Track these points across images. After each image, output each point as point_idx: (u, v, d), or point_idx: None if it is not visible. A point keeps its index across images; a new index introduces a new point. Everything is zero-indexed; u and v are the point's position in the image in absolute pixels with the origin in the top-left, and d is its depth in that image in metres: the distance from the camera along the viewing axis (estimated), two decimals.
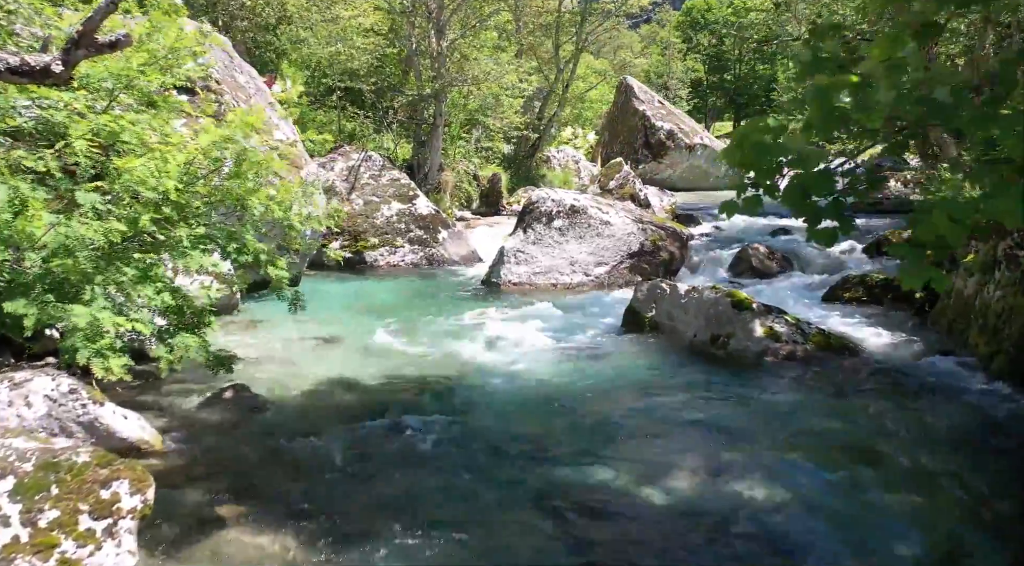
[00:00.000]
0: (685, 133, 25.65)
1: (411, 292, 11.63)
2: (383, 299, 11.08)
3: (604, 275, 11.47)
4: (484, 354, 8.14)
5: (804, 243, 13.60)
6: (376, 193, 14.39)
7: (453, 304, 10.72)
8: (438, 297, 11.18)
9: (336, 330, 9.03)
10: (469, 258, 14.20)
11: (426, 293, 11.57)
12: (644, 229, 11.73)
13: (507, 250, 11.79)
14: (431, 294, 11.46)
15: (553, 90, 23.12)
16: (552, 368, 7.72)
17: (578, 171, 24.72)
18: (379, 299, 11.08)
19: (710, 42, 71.91)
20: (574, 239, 11.66)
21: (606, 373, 7.62)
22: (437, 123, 16.28)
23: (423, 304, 10.72)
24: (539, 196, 12.05)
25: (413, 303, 10.81)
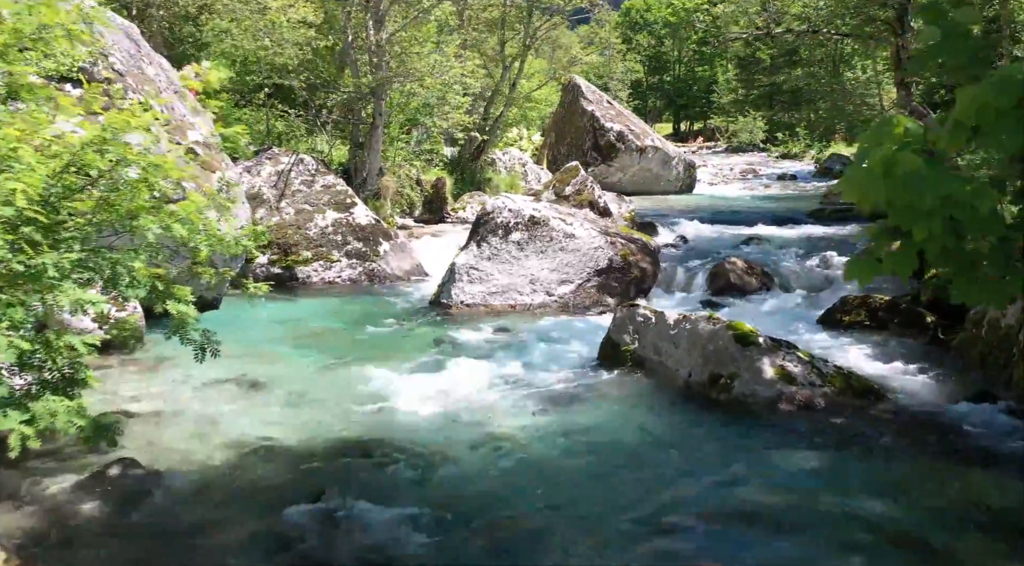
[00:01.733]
0: (636, 134, 24.56)
1: (349, 316, 10.18)
2: (317, 326, 9.61)
3: (569, 295, 10.18)
4: (435, 402, 6.75)
5: (780, 254, 12.55)
6: (309, 201, 12.89)
7: (398, 332, 9.31)
8: (380, 323, 9.75)
9: (260, 370, 7.55)
10: (413, 272, 12.79)
11: (366, 317, 10.13)
12: (612, 243, 10.48)
13: (459, 267, 10.42)
14: (372, 319, 10.02)
15: (499, 89, 21.79)
16: (517, 420, 6.38)
17: (525, 174, 23.46)
18: (312, 326, 9.61)
19: (649, 43, 71.51)
20: (535, 254, 10.35)
21: (582, 425, 6.32)
22: (376, 123, 14.81)
23: (363, 333, 9.29)
24: (494, 205, 10.71)
25: (351, 331, 9.37)
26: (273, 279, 12.00)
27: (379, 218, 13.36)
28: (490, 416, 6.44)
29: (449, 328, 9.40)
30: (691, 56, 70.43)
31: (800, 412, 6.17)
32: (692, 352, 6.92)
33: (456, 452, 5.78)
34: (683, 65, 71.09)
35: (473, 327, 9.40)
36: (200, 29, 17.23)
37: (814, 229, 14.91)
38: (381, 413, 6.49)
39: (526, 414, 6.51)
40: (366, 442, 5.91)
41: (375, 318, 10.07)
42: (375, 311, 10.49)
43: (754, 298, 10.42)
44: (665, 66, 72.16)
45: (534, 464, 5.62)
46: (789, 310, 9.79)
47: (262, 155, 13.47)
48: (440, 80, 14.99)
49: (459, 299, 10.24)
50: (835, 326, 8.64)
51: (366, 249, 12.55)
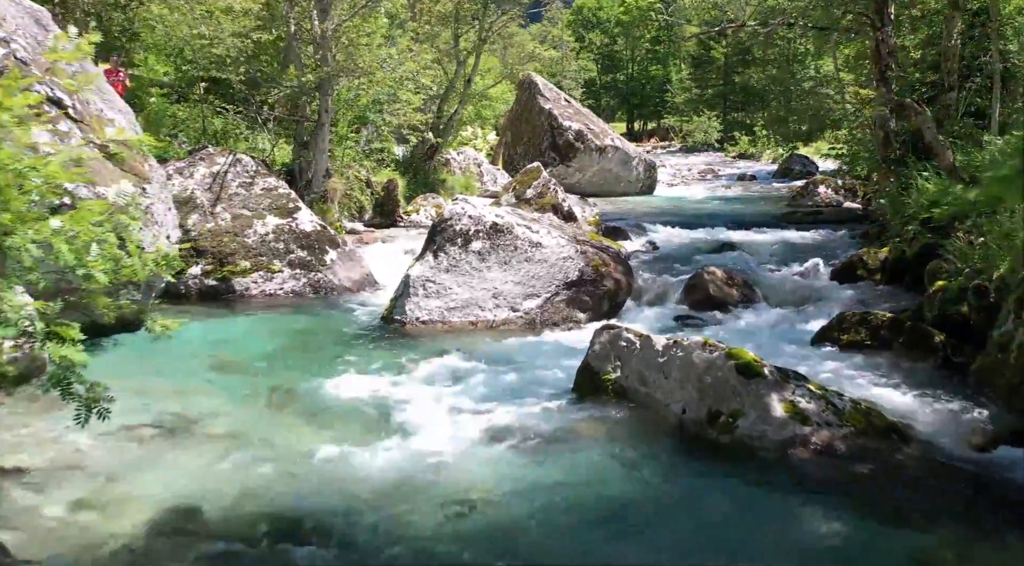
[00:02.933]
0: (595, 134, 23.73)
1: (290, 336, 9.09)
2: (253, 349, 8.50)
3: (536, 311, 9.22)
4: (387, 447, 5.74)
5: (758, 262, 11.74)
6: (248, 205, 11.75)
7: (345, 356, 8.25)
8: (325, 344, 8.69)
9: (182, 408, 6.46)
10: (364, 283, 11.72)
11: (310, 337, 9.07)
12: (582, 252, 9.54)
13: (413, 279, 9.40)
14: (316, 339, 8.97)
15: (452, 86, 20.77)
16: (482, 468, 5.43)
17: (480, 175, 22.50)
18: (248, 349, 8.50)
19: (603, 41, 70.95)
20: (498, 265, 9.38)
21: (557, 473, 5.38)
22: (322, 121, 13.70)
23: (306, 357, 8.22)
24: (452, 211, 9.71)
25: (293, 356, 8.29)
26: (207, 292, 10.92)
27: (325, 223, 12.27)
28: (450, 464, 5.46)
29: (403, 350, 8.38)
30: (644, 55, 70.05)
31: (817, 458, 5.28)
32: (686, 384, 6.00)
33: (412, 512, 4.79)
34: (636, 64, 70.66)
35: (430, 349, 8.40)
36: (131, 18, 15.93)
37: (789, 234, 14.18)
38: (325, 464, 5.45)
39: (492, 460, 5.55)
40: (307, 504, 4.88)
41: (320, 338, 9.01)
42: (320, 329, 9.43)
43: (736, 312, 9.57)
44: (618, 65, 71.66)
45: (501, 525, 4.68)
46: (777, 327, 8.94)
47: (196, 155, 12.28)
48: (391, 75, 13.92)
49: (414, 316, 9.23)
50: (833, 346, 7.80)
51: (311, 258, 11.45)
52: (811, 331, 8.57)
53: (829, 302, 9.59)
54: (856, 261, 10.33)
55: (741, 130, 45.40)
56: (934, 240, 9.37)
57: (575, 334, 8.91)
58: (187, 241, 11.09)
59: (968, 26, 11.85)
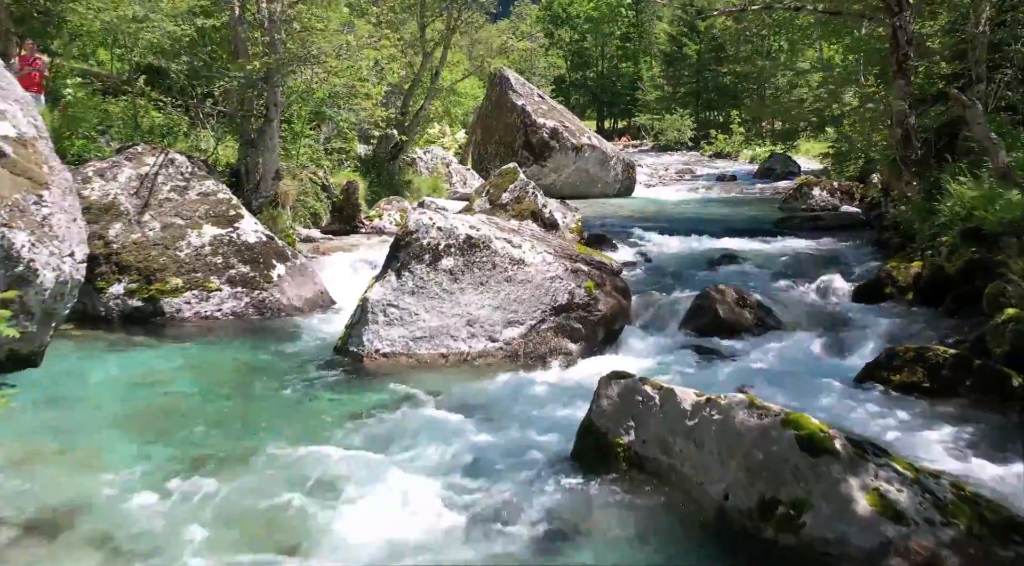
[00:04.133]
0: (571, 132, 22.31)
1: (222, 375, 7.52)
2: (173, 395, 6.92)
3: (519, 341, 7.75)
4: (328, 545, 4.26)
5: (764, 276, 10.37)
6: (181, 212, 10.14)
7: (288, 402, 6.73)
8: (265, 385, 7.14)
9: (71, 485, 4.90)
10: (317, 302, 10.19)
11: (248, 375, 7.52)
12: (573, 271, 8.08)
13: (373, 303, 7.88)
14: (255, 377, 7.41)
15: (418, 79, 19.23)
16: None
17: (449, 175, 21.02)
18: (167, 395, 6.92)
19: (572, 38, 69.62)
20: (472, 287, 7.89)
21: None
22: (271, 116, 12.11)
23: (236, 406, 6.66)
24: (419, 223, 8.19)
25: (220, 403, 6.73)
26: (131, 315, 9.32)
27: (275, 232, 10.71)
28: None
29: (358, 395, 6.87)
30: (615, 51, 68.86)
31: None
32: (727, 459, 4.56)
33: None
34: (606, 61, 69.46)
35: (391, 391, 6.89)
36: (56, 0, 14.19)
37: (791, 243, 12.84)
38: None
39: None
40: None
41: (259, 376, 7.45)
42: (260, 365, 7.86)
43: (751, 340, 8.17)
44: (588, 62, 70.42)
45: None
46: (804, 360, 7.54)
47: (122, 154, 10.64)
48: (347, 63, 12.34)
49: (373, 347, 7.71)
50: (882, 388, 6.41)
51: (255, 274, 9.89)
52: (847, 366, 7.22)
53: (858, 328, 8.22)
54: (883, 278, 8.97)
55: (717, 129, 44.27)
56: (980, 255, 8.05)
57: (566, 371, 7.47)
58: (108, 255, 9.53)
59: (997, 11, 10.56)
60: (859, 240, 12.63)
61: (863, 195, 16.95)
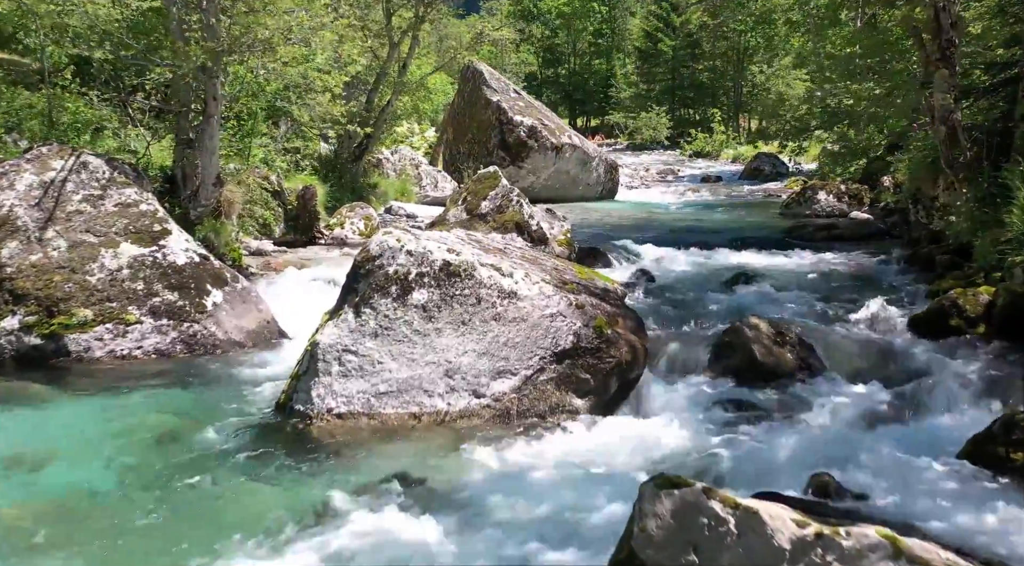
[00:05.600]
0: (550, 130, 20.67)
1: (137, 445, 5.77)
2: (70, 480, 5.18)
3: (511, 396, 6.08)
4: None
5: (794, 301, 8.81)
6: (94, 228, 8.36)
7: (212, 494, 5.02)
8: (187, 464, 5.41)
9: None
10: (262, 335, 8.50)
11: (167, 445, 5.78)
12: (578, 305, 6.42)
13: (325, 349, 6.18)
14: (176, 450, 5.68)
15: (385, 72, 17.48)
16: None
17: (419, 178, 19.31)
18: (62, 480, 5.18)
19: (544, 34, 67.95)
20: (452, 327, 6.21)
21: None
22: (210, 112, 10.32)
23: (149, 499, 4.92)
24: (383, 246, 6.48)
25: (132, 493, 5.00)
26: (28, 356, 7.56)
27: (212, 250, 8.96)
28: None
29: (302, 478, 5.19)
30: (587, 48, 67.34)
31: None
32: None
33: None
34: (578, 58, 67.91)
35: (345, 474, 5.23)
36: None
37: (810, 257, 11.31)
38: None
39: None
40: None
41: (181, 447, 5.73)
42: (184, 427, 6.13)
43: (798, 390, 6.58)
44: (560, 58, 68.84)
45: None
46: (875, 420, 5.95)
47: (24, 156, 8.82)
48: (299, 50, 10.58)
49: (324, 406, 6.02)
50: (999, 474, 4.83)
51: (184, 302, 8.14)
52: (935, 431, 5.66)
53: (927, 372, 6.65)
54: (947, 307, 7.41)
55: (696, 127, 42.90)
56: None
57: (573, 436, 5.83)
58: None
59: None
60: (886, 253, 11.11)
61: (873, 199, 15.50)
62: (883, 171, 16.52)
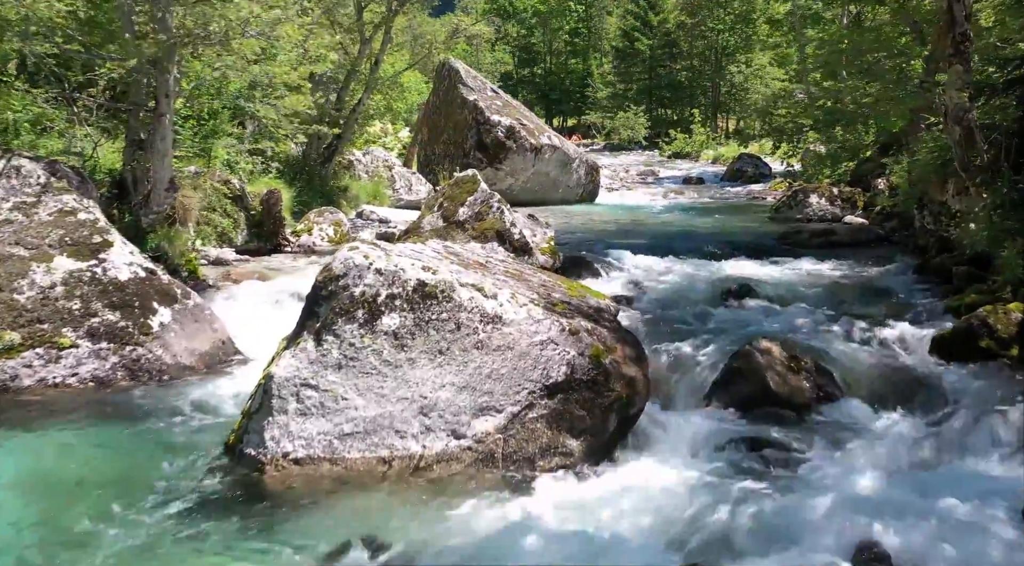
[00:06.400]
0: (529, 131, 19.89)
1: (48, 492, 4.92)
2: None
3: (496, 437, 5.28)
4: None
5: (800, 317, 8.09)
6: (24, 239, 7.47)
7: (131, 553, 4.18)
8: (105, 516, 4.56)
9: None
10: (216, 358, 7.66)
11: (84, 493, 4.93)
12: (571, 330, 5.63)
13: (281, 383, 5.34)
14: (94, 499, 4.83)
15: (356, 69, 16.62)
16: None
17: (392, 180, 18.46)
18: None
19: (519, 33, 67.18)
20: (428, 357, 5.41)
21: None
22: (161, 110, 9.43)
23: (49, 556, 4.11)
24: (348, 263, 5.65)
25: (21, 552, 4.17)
26: None
27: (155, 267, 8.05)
28: None
29: (248, 534, 4.41)
30: (563, 47, 66.66)
31: None
32: None
33: None
34: (555, 57, 67.20)
35: (301, 530, 4.43)
36: None
37: (811, 266, 10.60)
38: None
39: None
40: None
41: (105, 495, 4.88)
42: (120, 472, 5.30)
43: (820, 424, 5.85)
44: (536, 58, 68.10)
45: None
46: (914, 461, 5.23)
47: None
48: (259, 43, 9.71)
49: (280, 449, 5.19)
50: None
51: (127, 323, 7.27)
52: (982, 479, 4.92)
53: (963, 403, 5.94)
54: (976, 326, 6.70)
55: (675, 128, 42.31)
56: None
57: (567, 485, 5.06)
58: None
59: None
60: (891, 262, 10.43)
61: (868, 203, 14.86)
62: (874, 173, 15.90)
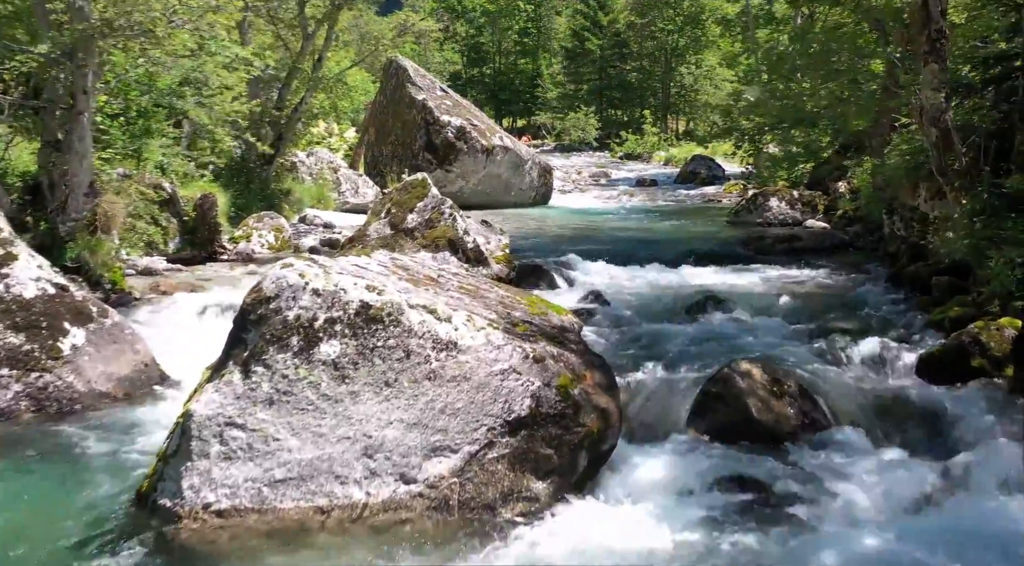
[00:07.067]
0: (480, 132, 19.25)
1: None
2: None
3: (451, 481, 4.62)
4: None
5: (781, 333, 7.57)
6: None
7: None
8: None
9: None
10: (137, 383, 6.89)
11: None
12: (536, 358, 4.99)
13: (202, 422, 4.62)
14: None
15: (298, 66, 15.80)
16: None
17: (338, 183, 17.68)
18: None
19: (468, 32, 66.44)
20: (373, 390, 4.73)
21: None
22: (79, 108, 8.60)
23: None
24: (281, 283, 4.94)
25: None
26: None
27: (67, 282, 7.23)
28: None
29: None
30: (512, 47, 66.11)
31: None
32: None
33: None
34: (504, 57, 66.61)
35: None
36: None
37: (778, 274, 10.16)
38: None
39: None
40: None
41: None
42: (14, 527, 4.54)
43: (809, 456, 5.29)
44: (485, 57, 67.43)
45: None
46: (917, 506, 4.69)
47: None
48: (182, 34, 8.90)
49: (200, 500, 4.47)
50: None
51: (32, 346, 6.47)
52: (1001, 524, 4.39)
53: (958, 431, 5.46)
54: (967, 344, 6.23)
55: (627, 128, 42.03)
56: None
57: (532, 536, 4.42)
58: None
59: None
60: (861, 271, 10.02)
61: (828, 206, 14.51)
62: (833, 175, 15.59)
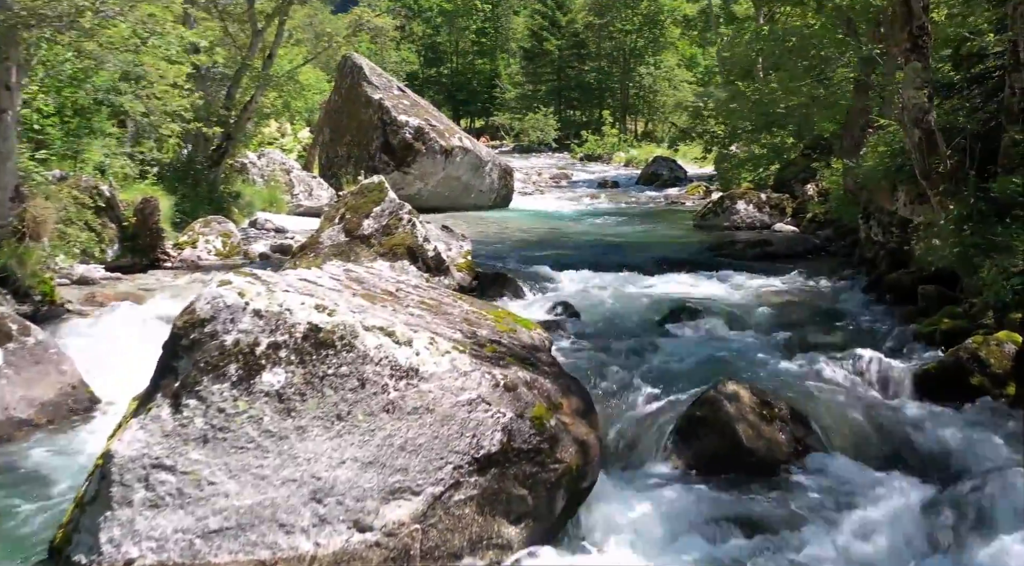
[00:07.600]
0: (439, 132, 18.67)
1: None
2: None
3: (412, 527, 4.07)
4: None
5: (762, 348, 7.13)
6: None
7: None
8: None
9: None
10: (62, 408, 6.28)
11: None
12: (508, 386, 4.46)
13: (124, 464, 4.02)
14: None
15: (247, 63, 15.10)
16: None
17: (290, 185, 17.00)
18: None
19: (425, 31, 65.74)
20: (322, 425, 4.16)
21: None
22: (2, 106, 7.89)
23: None
24: (217, 303, 4.35)
25: None
26: None
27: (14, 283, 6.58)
28: None
29: None
30: (470, 47, 65.55)
31: None
32: None
33: None
34: (461, 57, 66.02)
35: None
36: None
37: (753, 282, 9.75)
38: None
39: None
40: None
41: None
42: None
43: (807, 489, 4.83)
44: (442, 57, 66.78)
45: None
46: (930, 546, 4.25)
47: None
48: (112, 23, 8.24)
49: (122, 555, 3.87)
50: None
51: None
52: None
53: (962, 457, 5.05)
54: (966, 361, 5.84)
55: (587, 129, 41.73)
56: None
57: None
58: None
59: None
60: (839, 278, 9.65)
61: (797, 209, 14.21)
62: (799, 177, 15.30)
